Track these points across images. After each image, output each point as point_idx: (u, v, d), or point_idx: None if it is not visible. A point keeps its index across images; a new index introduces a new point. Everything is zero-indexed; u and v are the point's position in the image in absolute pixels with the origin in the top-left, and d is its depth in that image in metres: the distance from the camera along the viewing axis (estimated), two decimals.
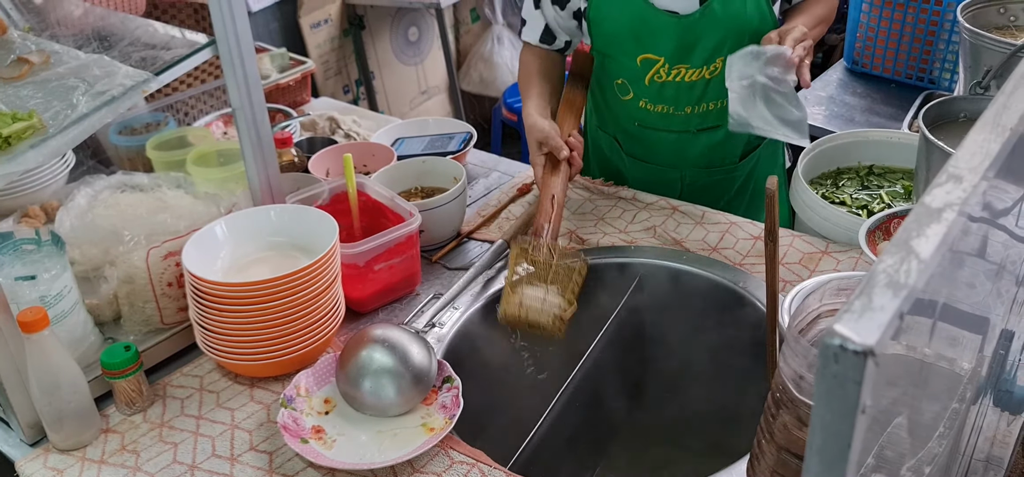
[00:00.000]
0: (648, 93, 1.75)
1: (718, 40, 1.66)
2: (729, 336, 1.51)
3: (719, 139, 1.78)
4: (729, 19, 1.65)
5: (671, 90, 1.73)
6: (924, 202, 0.51)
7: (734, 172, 1.85)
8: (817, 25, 1.66)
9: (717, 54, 1.68)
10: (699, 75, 1.71)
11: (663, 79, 1.72)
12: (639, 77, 1.74)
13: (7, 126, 1.14)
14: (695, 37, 1.67)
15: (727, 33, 1.66)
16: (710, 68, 1.70)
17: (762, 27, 1.65)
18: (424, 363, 1.29)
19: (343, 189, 1.56)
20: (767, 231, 1.08)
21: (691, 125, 1.77)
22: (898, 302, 0.43)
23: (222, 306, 1.27)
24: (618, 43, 1.74)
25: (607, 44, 1.76)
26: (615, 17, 1.70)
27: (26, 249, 1.31)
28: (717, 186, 1.84)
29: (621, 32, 1.72)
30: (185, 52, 1.31)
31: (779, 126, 1.49)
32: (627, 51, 1.73)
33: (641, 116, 1.80)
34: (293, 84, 2.35)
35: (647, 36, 1.69)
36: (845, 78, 2.56)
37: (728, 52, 1.59)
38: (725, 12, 1.65)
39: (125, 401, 1.31)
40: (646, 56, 1.71)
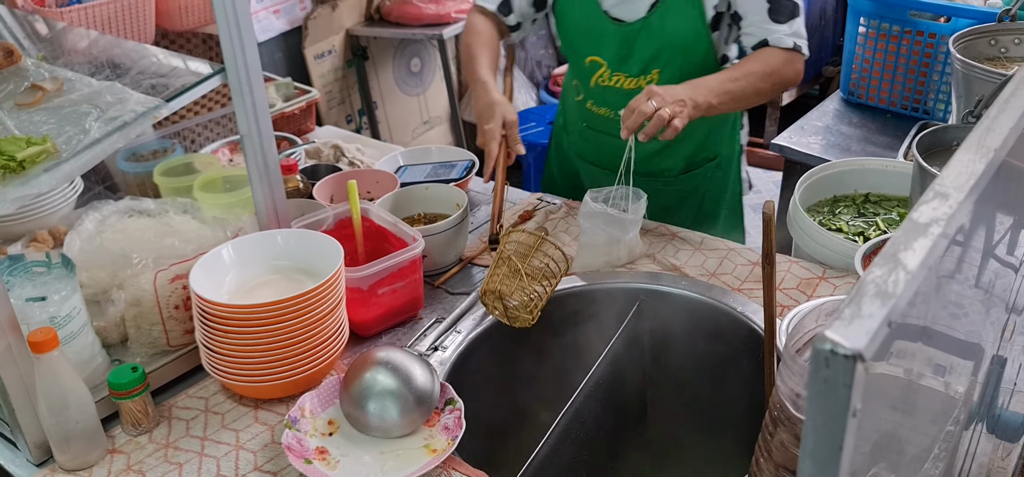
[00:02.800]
0: (594, 96, 1.89)
1: (654, 51, 1.79)
2: (728, 359, 1.52)
3: (658, 149, 1.87)
4: (665, 33, 1.77)
5: (612, 95, 1.85)
6: (912, 218, 0.53)
7: (673, 184, 1.95)
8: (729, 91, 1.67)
9: (653, 65, 1.80)
10: (636, 84, 1.82)
11: (606, 83, 1.85)
12: (586, 78, 1.89)
13: (21, 150, 1.17)
14: (634, 46, 1.79)
15: (663, 46, 1.78)
16: (646, 78, 1.81)
17: (696, 45, 1.78)
18: (427, 385, 1.31)
19: (347, 215, 1.59)
20: (764, 254, 1.10)
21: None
22: (886, 310, 0.45)
23: (228, 328, 1.29)
24: (573, 42, 1.89)
25: (567, 43, 1.91)
26: (574, 17, 1.85)
27: (37, 271, 1.33)
28: (657, 194, 1.89)
29: (576, 32, 1.87)
30: (194, 80, 1.34)
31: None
32: (579, 51, 1.87)
33: (589, 118, 1.93)
34: (298, 113, 2.39)
35: (594, 39, 1.83)
36: (841, 108, 2.59)
37: (664, 65, 1.78)
38: (662, 26, 1.76)
39: (131, 422, 1.33)
40: (592, 58, 1.85)
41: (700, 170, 1.95)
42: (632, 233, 1.62)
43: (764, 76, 1.70)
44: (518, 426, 1.62)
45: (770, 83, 1.71)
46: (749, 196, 4.41)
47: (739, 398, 1.51)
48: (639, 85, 1.80)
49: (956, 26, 2.23)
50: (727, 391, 1.56)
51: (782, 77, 1.73)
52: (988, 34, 2.10)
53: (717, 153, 1.96)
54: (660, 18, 1.75)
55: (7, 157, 1.16)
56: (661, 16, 1.75)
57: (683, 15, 1.75)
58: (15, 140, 1.19)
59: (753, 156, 4.55)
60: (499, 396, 1.59)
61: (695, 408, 1.64)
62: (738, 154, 2.02)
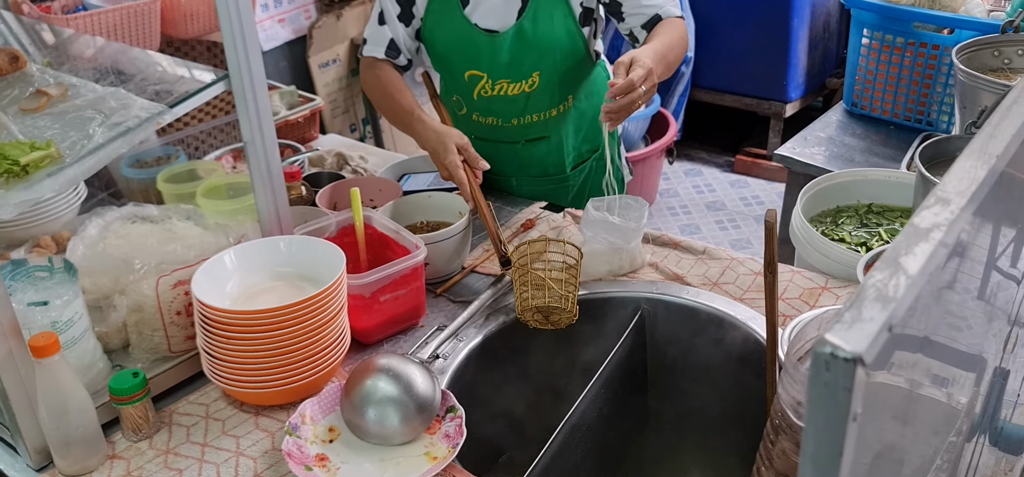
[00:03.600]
0: (478, 107, 1.94)
1: (532, 57, 1.85)
2: (730, 367, 1.52)
3: (547, 149, 1.97)
4: (539, 37, 1.82)
5: (497, 104, 1.91)
6: (913, 223, 0.53)
7: (567, 181, 2.03)
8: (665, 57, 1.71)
9: (533, 70, 1.86)
10: (519, 89, 1.88)
11: (489, 94, 1.90)
12: (468, 92, 1.93)
13: (25, 155, 1.17)
14: (511, 54, 1.84)
15: (539, 52, 1.84)
16: (528, 82, 1.88)
17: (573, 47, 1.85)
18: (428, 393, 1.31)
19: (350, 222, 1.59)
20: (766, 262, 1.10)
21: (519, 136, 1.96)
22: (887, 314, 0.45)
23: (229, 334, 1.29)
24: (448, 61, 1.94)
25: (440, 63, 1.97)
26: (443, 37, 1.89)
27: (39, 276, 1.33)
28: (552, 193, 2.03)
29: (449, 50, 1.91)
30: (198, 86, 1.35)
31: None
32: (456, 68, 1.92)
33: (476, 129, 1.97)
34: (302, 120, 2.39)
35: (471, 53, 1.87)
36: (844, 120, 2.59)
37: (544, 68, 1.85)
38: (535, 31, 1.81)
39: (132, 427, 1.32)
40: (472, 72, 1.90)
41: (587, 163, 2.05)
42: (634, 242, 1.62)
43: (678, 41, 1.77)
44: (519, 434, 1.62)
45: (680, 50, 1.78)
46: (752, 207, 4.41)
47: (741, 406, 1.51)
48: (522, 90, 1.89)
49: (959, 37, 2.24)
50: (729, 399, 1.55)
51: (685, 43, 1.81)
52: (991, 45, 2.10)
53: (598, 144, 2.06)
54: (531, 23, 1.81)
55: (11, 162, 1.17)
56: (532, 21, 1.81)
57: (553, 16, 1.82)
58: (19, 145, 1.20)
59: (756, 167, 4.55)
60: (500, 404, 1.59)
61: (697, 416, 1.63)
62: (616, 141, 2.11)
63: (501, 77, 1.88)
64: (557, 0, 1.81)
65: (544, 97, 1.90)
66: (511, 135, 1.96)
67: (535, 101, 1.90)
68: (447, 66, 1.97)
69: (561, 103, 1.93)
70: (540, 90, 1.88)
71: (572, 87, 1.93)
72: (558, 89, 1.91)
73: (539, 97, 1.90)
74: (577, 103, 1.96)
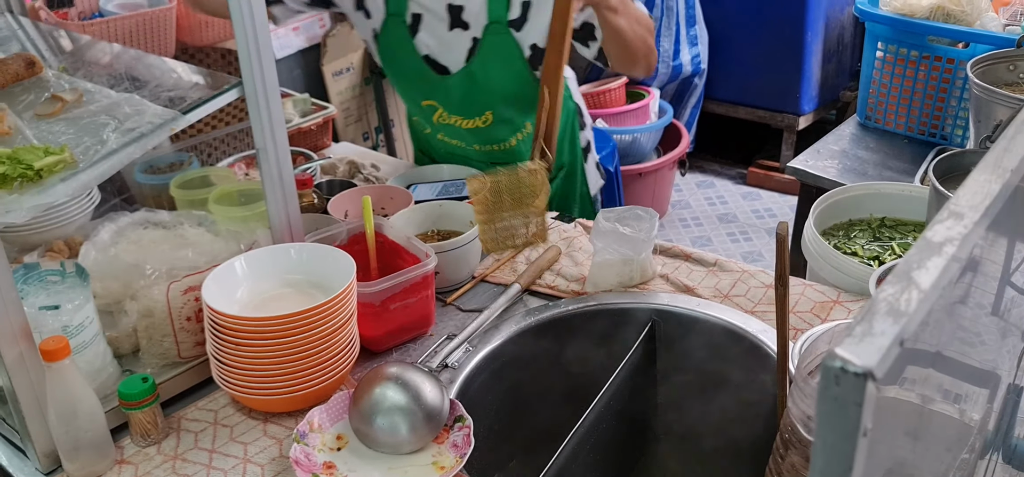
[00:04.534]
0: (441, 129, 1.99)
1: (483, 99, 1.88)
2: (740, 380, 1.51)
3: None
4: (490, 80, 1.85)
5: (455, 132, 1.95)
6: (925, 237, 0.53)
7: None
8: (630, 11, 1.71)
9: (485, 109, 1.90)
10: (474, 124, 1.92)
11: (446, 122, 1.94)
12: (427, 117, 1.99)
13: (39, 160, 1.18)
14: (461, 94, 1.87)
15: (490, 94, 1.87)
16: (482, 119, 1.91)
17: (523, 88, 1.86)
18: (436, 402, 1.30)
19: (361, 230, 1.59)
20: (777, 275, 1.10)
21: (484, 159, 2.01)
22: (898, 329, 0.45)
23: (239, 340, 1.30)
24: (404, 88, 1.99)
25: (396, 87, 2.02)
26: (398, 67, 1.93)
27: (51, 280, 1.34)
28: None
29: (403, 80, 1.97)
30: (212, 93, 1.35)
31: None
32: (413, 94, 1.97)
33: (442, 147, 2.05)
34: (315, 128, 2.40)
35: (426, 87, 1.90)
36: (858, 133, 2.58)
37: (495, 108, 1.87)
38: (485, 74, 1.84)
39: (140, 433, 1.33)
40: (428, 102, 1.93)
41: (554, 182, 2.07)
42: (645, 253, 1.62)
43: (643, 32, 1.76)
44: (527, 445, 1.62)
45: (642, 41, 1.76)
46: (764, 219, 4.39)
47: (751, 420, 1.50)
48: (477, 125, 1.92)
49: (974, 51, 2.22)
50: (739, 413, 1.54)
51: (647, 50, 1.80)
52: (1007, 59, 2.09)
53: (562, 163, 2.08)
54: (481, 66, 1.83)
55: (25, 166, 1.17)
56: (482, 64, 1.83)
57: (502, 60, 1.82)
58: (33, 149, 1.21)
59: (768, 179, 4.54)
60: (509, 414, 1.58)
61: (706, 429, 1.62)
62: (581, 160, 2.12)
63: (454, 113, 1.92)
64: (506, 44, 1.82)
65: (500, 130, 1.94)
66: (477, 156, 2.02)
67: (493, 133, 1.94)
68: (402, 89, 2.03)
69: (519, 132, 1.96)
70: (495, 125, 1.92)
71: (528, 115, 1.93)
72: (513, 121, 1.94)
73: (495, 130, 1.94)
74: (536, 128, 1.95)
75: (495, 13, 1.80)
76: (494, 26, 1.81)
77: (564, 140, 2.04)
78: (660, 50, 4.35)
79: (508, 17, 1.80)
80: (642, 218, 1.61)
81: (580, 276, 1.69)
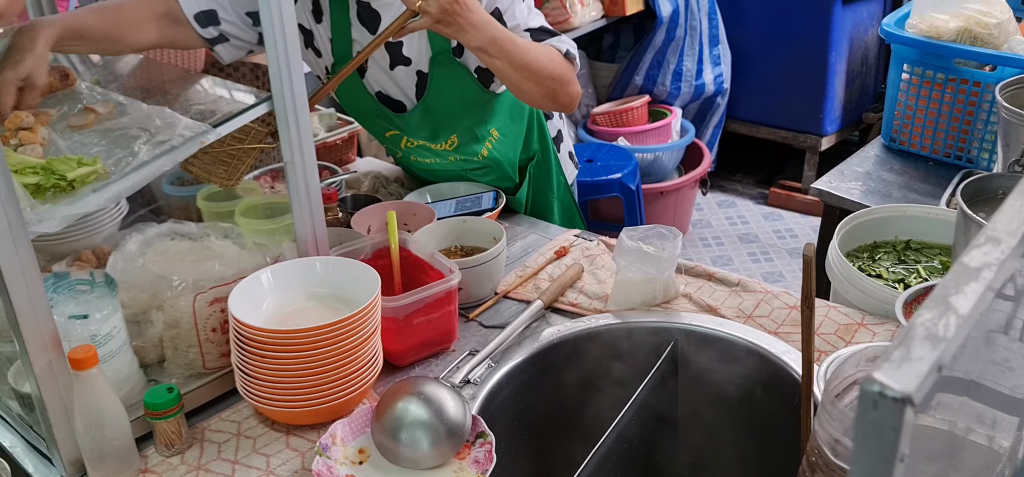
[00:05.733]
0: (412, 152, 2.02)
1: (445, 126, 1.90)
2: (763, 402, 1.50)
3: (493, 174, 2.04)
4: (445, 107, 1.87)
5: (425, 153, 2.01)
6: (962, 262, 0.52)
7: (517, 194, 2.08)
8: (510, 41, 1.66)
9: (449, 134, 1.92)
10: (441, 147, 1.95)
11: (414, 146, 1.97)
12: (394, 145, 2.02)
13: (72, 170, 1.20)
14: (421, 126, 1.91)
15: (450, 120, 1.89)
16: (448, 142, 1.95)
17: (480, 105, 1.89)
18: (458, 417, 1.30)
19: (385, 244, 1.60)
20: (803, 297, 1.09)
21: (461, 169, 2.04)
22: (936, 354, 0.44)
23: (264, 352, 1.30)
24: (365, 123, 2.02)
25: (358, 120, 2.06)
26: (354, 105, 1.96)
27: (80, 289, 1.36)
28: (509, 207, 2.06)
29: (363, 116, 2.00)
30: (240, 108, 1.37)
31: None
32: (375, 128, 1.99)
33: (417, 165, 2.08)
34: (340, 143, 2.42)
35: (384, 122, 1.93)
36: (882, 155, 2.57)
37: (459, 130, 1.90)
38: (440, 104, 1.86)
39: (164, 442, 1.34)
40: (391, 132, 1.97)
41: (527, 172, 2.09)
42: (668, 272, 1.62)
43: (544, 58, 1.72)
44: (548, 462, 1.61)
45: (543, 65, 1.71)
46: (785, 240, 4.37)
47: (774, 443, 1.49)
48: (444, 148, 1.95)
49: (1002, 74, 2.21)
50: (761, 435, 1.53)
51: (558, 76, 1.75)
52: None
53: (533, 152, 2.10)
54: (436, 97, 1.84)
55: (58, 176, 1.19)
56: (436, 95, 1.84)
57: (455, 86, 1.83)
58: (67, 160, 1.22)
59: (790, 200, 4.52)
60: (530, 431, 1.58)
61: (728, 450, 1.61)
62: (552, 149, 2.13)
63: (419, 139, 1.94)
64: (456, 71, 1.83)
65: (469, 147, 1.96)
66: (453, 167, 2.04)
67: (461, 151, 1.97)
68: (366, 125, 2.05)
69: (487, 141, 1.98)
70: (461, 146, 1.95)
71: (492, 122, 1.96)
72: (479, 135, 1.96)
73: (463, 149, 1.96)
74: (503, 130, 1.99)
75: (438, 45, 1.80)
76: (439, 57, 1.81)
77: (532, 130, 2.08)
78: (682, 69, 4.35)
79: (451, 45, 1.80)
80: (666, 237, 1.61)
81: (603, 294, 1.69)
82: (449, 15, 1.56)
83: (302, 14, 1.85)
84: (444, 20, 1.57)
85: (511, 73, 1.69)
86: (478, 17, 1.60)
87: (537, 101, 1.80)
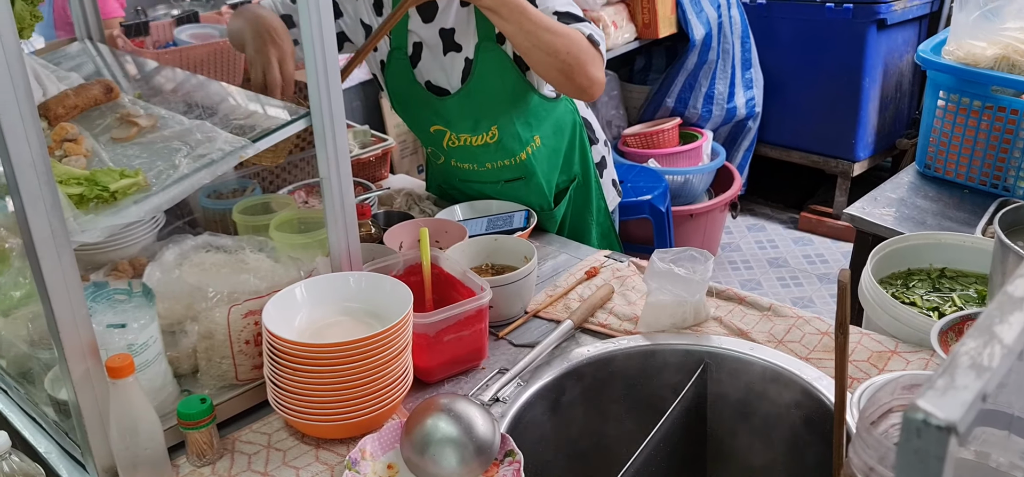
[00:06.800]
0: (454, 155, 2.04)
1: (487, 115, 1.92)
2: (794, 429, 1.49)
3: (527, 189, 2.06)
4: (488, 94, 1.90)
5: (466, 152, 2.01)
6: (1006, 292, 0.52)
7: (553, 214, 2.09)
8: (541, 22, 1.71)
9: (490, 124, 1.94)
10: (482, 141, 1.96)
11: (456, 144, 1.98)
12: (438, 143, 2.03)
13: (115, 182, 1.22)
14: (464, 114, 1.93)
15: (492, 109, 1.91)
16: (489, 135, 1.96)
17: (523, 97, 1.93)
18: (487, 435, 1.30)
19: (417, 261, 1.61)
20: (838, 323, 1.08)
21: (497, 178, 2.06)
22: (981, 383, 0.44)
23: (296, 365, 1.32)
24: (410, 116, 2.05)
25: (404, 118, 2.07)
26: (401, 95, 2.00)
27: (118, 299, 1.38)
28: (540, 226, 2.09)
29: (408, 107, 2.02)
30: (275, 124, 1.39)
31: None
32: (421, 123, 2.02)
33: (457, 173, 2.10)
34: (373, 160, 2.44)
35: (430, 111, 1.95)
36: (916, 181, 2.54)
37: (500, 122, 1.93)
38: (483, 90, 1.89)
39: (196, 452, 1.35)
40: (436, 128, 1.99)
41: (566, 195, 2.12)
42: (699, 295, 1.61)
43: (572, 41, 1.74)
44: None
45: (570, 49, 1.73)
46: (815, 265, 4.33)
47: (804, 469, 1.47)
48: (485, 141, 1.96)
49: None
50: (792, 461, 1.52)
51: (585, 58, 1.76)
52: None
53: (574, 174, 2.13)
54: (478, 83, 1.87)
55: (101, 187, 1.22)
56: (478, 81, 1.87)
57: (496, 73, 1.87)
58: (110, 172, 1.25)
59: (821, 225, 4.48)
60: (558, 451, 1.58)
61: (757, 475, 1.60)
62: (594, 173, 2.15)
63: (462, 131, 1.97)
64: (497, 58, 1.86)
65: (509, 144, 1.98)
66: (489, 177, 2.06)
67: (502, 148, 1.99)
68: (411, 120, 2.08)
69: (528, 145, 2.00)
70: (502, 140, 1.96)
71: (536, 128, 2.00)
72: (520, 135, 1.98)
73: (504, 145, 1.98)
74: (545, 141, 2.02)
75: (483, 30, 1.85)
76: (484, 43, 1.86)
77: (574, 150, 2.11)
78: (714, 92, 4.34)
79: (495, 31, 1.84)
80: (697, 260, 1.60)
81: (633, 315, 1.68)
82: None
83: (364, 10, 1.95)
84: None
85: (521, 40, 1.72)
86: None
87: (551, 76, 1.80)
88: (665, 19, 4.21)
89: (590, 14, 4.02)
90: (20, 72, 1.05)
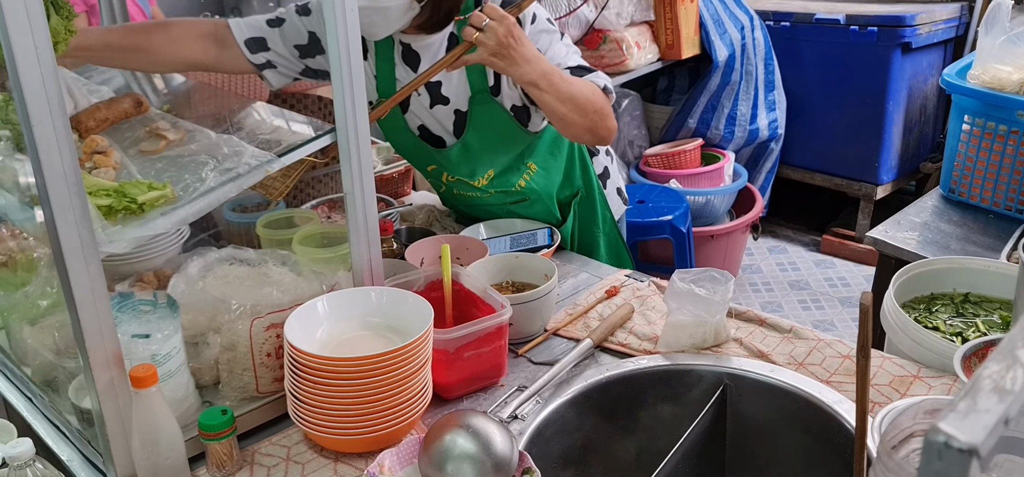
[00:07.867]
0: (453, 186, 2.06)
1: (483, 162, 1.94)
2: (813, 452, 1.48)
3: (533, 208, 2.07)
4: (484, 148, 1.91)
5: (465, 187, 2.01)
6: None
7: (562, 230, 2.08)
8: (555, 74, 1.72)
9: (486, 169, 1.97)
10: (479, 183, 1.98)
11: (453, 181, 2.01)
12: (436, 178, 2.07)
13: (143, 194, 1.24)
14: (461, 160, 1.94)
15: (488, 156, 1.93)
16: (485, 177, 1.96)
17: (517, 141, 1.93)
18: (506, 452, 1.30)
19: (438, 277, 1.62)
20: (859, 347, 1.08)
21: (501, 201, 2.07)
22: (1004, 407, 0.44)
23: (317, 378, 1.32)
24: (407, 157, 2.08)
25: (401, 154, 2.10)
26: (396, 140, 2.03)
27: (143, 309, 1.40)
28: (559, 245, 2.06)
29: (405, 151, 2.05)
30: (301, 139, 1.41)
31: None
32: (417, 163, 2.06)
33: (461, 198, 2.11)
34: (396, 176, 2.46)
35: (424, 157, 1.98)
36: (941, 206, 2.52)
37: (496, 165, 1.94)
38: (479, 143, 1.90)
39: (216, 463, 1.36)
40: (432, 168, 2.02)
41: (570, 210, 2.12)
42: (719, 316, 1.61)
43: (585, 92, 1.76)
44: None
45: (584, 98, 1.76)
46: (837, 288, 4.30)
47: None
48: (482, 183, 1.98)
49: None
50: None
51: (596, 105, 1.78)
52: None
53: (577, 188, 2.12)
54: (475, 135, 1.88)
55: (129, 199, 1.24)
56: (475, 133, 1.88)
57: (492, 125, 1.87)
58: (138, 184, 1.27)
59: (843, 248, 4.45)
60: (576, 470, 1.57)
61: None
62: (596, 185, 2.15)
63: (458, 175, 1.99)
64: (494, 110, 1.87)
65: (506, 178, 1.99)
66: (495, 200, 2.07)
67: (499, 182, 2.00)
68: (408, 159, 2.11)
69: (524, 174, 2.01)
70: (498, 178, 1.98)
71: (529, 157, 2.00)
72: (516, 170, 2.00)
73: (501, 180, 2.00)
74: (541, 164, 2.03)
75: (477, 85, 1.86)
76: (478, 96, 1.87)
77: (574, 165, 2.11)
78: (737, 114, 4.34)
79: (489, 85, 1.86)
80: (718, 280, 1.60)
81: (652, 335, 1.68)
82: (504, 49, 1.63)
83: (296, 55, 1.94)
84: (499, 54, 1.63)
85: (558, 107, 1.73)
86: (530, 52, 1.67)
87: (580, 135, 1.83)
88: (688, 40, 4.21)
89: (613, 35, 4.03)
90: (54, 86, 1.08)
